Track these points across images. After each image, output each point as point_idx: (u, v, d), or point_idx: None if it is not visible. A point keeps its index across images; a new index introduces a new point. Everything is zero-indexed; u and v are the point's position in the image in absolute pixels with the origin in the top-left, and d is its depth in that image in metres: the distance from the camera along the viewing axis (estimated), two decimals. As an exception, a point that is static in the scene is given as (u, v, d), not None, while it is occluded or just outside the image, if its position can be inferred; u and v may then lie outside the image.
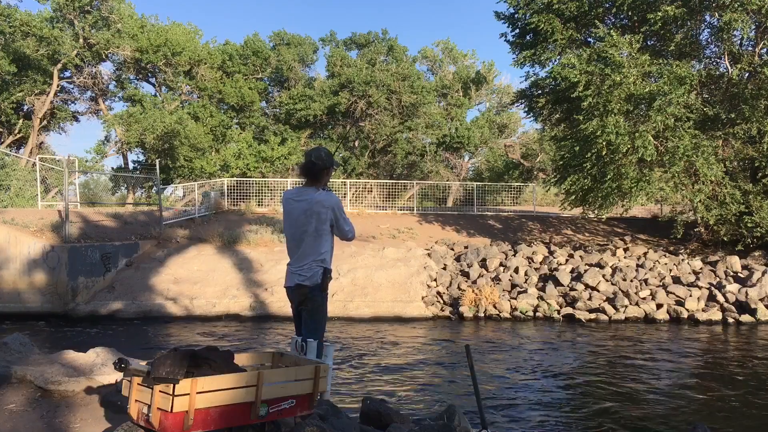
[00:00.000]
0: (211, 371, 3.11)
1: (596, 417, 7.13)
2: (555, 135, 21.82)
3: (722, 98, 17.01)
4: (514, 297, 14.26)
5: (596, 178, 16.46)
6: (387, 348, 10.90)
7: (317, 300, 4.19)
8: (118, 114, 31.10)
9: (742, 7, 15.17)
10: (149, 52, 30.03)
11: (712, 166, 15.35)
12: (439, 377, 8.96)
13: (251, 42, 35.02)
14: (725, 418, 7.06)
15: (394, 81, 31.86)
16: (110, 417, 3.77)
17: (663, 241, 18.37)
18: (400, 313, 13.90)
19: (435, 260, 16.26)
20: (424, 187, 29.60)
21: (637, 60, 15.67)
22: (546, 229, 20.73)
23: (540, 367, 9.46)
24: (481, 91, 39.22)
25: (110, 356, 4.62)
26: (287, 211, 4.27)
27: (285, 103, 33.80)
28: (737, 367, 9.51)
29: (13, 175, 23.17)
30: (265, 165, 30.17)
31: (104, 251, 14.83)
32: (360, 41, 37.51)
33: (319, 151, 4.27)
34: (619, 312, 13.56)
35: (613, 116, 15.27)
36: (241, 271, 15.37)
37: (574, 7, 17.80)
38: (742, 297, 13.70)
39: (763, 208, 15.84)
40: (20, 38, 28.37)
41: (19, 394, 3.98)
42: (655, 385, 8.37)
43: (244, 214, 20.83)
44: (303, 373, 3.40)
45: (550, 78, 19.08)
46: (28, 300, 13.92)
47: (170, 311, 13.87)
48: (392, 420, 4.59)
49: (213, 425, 3.03)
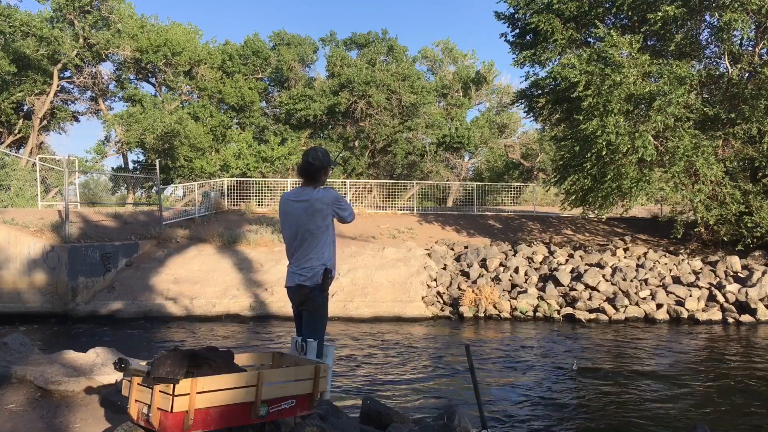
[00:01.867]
0: (211, 371, 3.11)
1: (596, 417, 7.13)
2: (555, 135, 21.84)
3: (722, 98, 17.02)
4: (514, 297, 14.25)
5: (596, 178, 16.46)
6: (387, 348, 10.90)
7: (318, 300, 4.19)
8: (118, 114, 31.10)
9: (742, 7, 15.17)
10: (149, 52, 30.02)
11: (712, 166, 15.34)
12: (439, 377, 8.96)
13: (251, 42, 35.02)
14: (725, 418, 7.06)
15: (394, 81, 31.86)
16: (110, 417, 3.77)
17: (663, 241, 18.36)
18: (400, 313, 13.89)
19: (435, 260, 16.26)
20: (424, 187, 29.59)
21: (637, 60, 15.67)
22: (546, 229, 20.73)
23: (540, 367, 9.46)
24: (481, 91, 39.24)
25: (110, 356, 4.61)
26: (286, 211, 4.26)
27: (285, 103, 33.79)
28: (737, 367, 9.51)
29: (13, 175, 23.18)
30: (265, 165, 30.18)
31: (104, 251, 14.84)
32: (360, 41, 37.50)
33: (316, 151, 4.28)
34: (619, 312, 13.56)
35: (613, 116, 15.27)
36: (241, 271, 15.37)
37: (574, 7, 17.80)
38: (742, 297, 13.70)
39: (763, 208, 15.84)
40: (20, 38, 28.37)
41: (19, 394, 3.98)
42: (655, 385, 8.37)
43: (244, 214, 20.83)
44: (303, 373, 3.40)
45: (550, 78, 19.09)
46: (28, 300, 13.91)
47: (170, 311, 13.87)
48: (392, 420, 4.59)
49: (213, 425, 3.03)
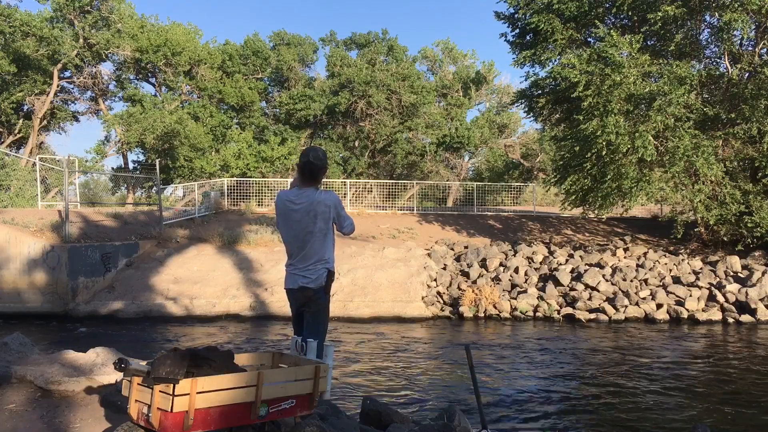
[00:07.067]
0: (211, 371, 3.11)
1: (596, 417, 7.13)
2: (555, 135, 21.84)
3: (722, 98, 17.02)
4: (514, 297, 14.25)
5: (596, 178, 16.46)
6: (387, 348, 10.90)
7: (321, 302, 4.19)
8: (118, 114, 31.09)
9: (742, 7, 15.17)
10: (149, 52, 30.02)
11: (712, 166, 15.34)
12: (439, 377, 8.96)
13: (251, 42, 35.02)
14: (725, 418, 7.06)
15: (394, 81, 31.87)
16: (110, 417, 3.77)
17: (663, 241, 18.36)
18: (400, 313, 13.89)
19: (435, 260, 16.26)
20: (424, 187, 29.59)
21: (637, 60, 15.68)
22: (546, 229, 20.73)
23: (540, 367, 9.46)
24: (481, 91, 39.26)
25: (110, 356, 4.61)
26: (285, 212, 4.22)
27: (285, 103, 33.80)
28: (737, 367, 9.51)
29: (13, 175, 23.19)
30: (265, 165, 30.20)
31: (104, 251, 14.83)
32: (360, 41, 37.51)
33: (317, 150, 4.27)
34: (619, 312, 13.56)
35: (613, 116, 15.27)
36: (241, 271, 15.37)
37: (574, 7, 17.79)
38: (742, 297, 13.70)
39: (763, 208, 15.84)
40: (20, 38, 28.36)
41: (19, 394, 3.98)
42: (655, 386, 8.36)
43: (244, 214, 20.83)
44: (303, 373, 3.40)
45: (550, 78, 19.09)
46: (28, 300, 13.91)
47: (170, 311, 13.86)
48: (392, 420, 4.59)
49: (213, 425, 3.03)
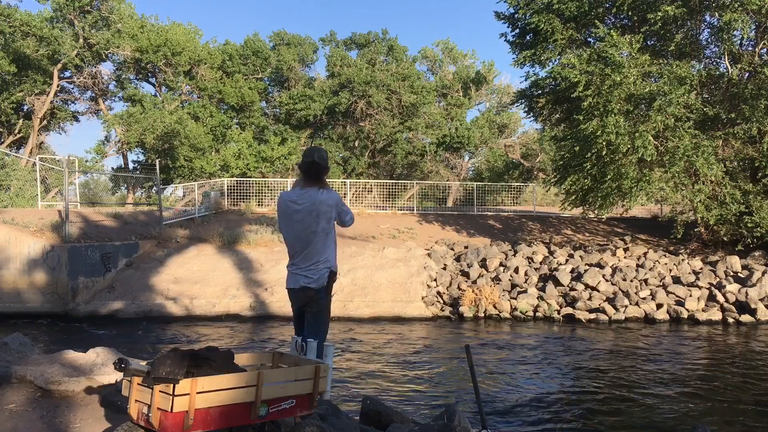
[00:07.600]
0: (211, 371, 3.11)
1: (596, 417, 7.13)
2: (555, 135, 21.84)
3: (722, 98, 17.01)
4: (514, 297, 14.25)
5: (596, 178, 16.46)
6: (387, 348, 10.90)
7: (322, 302, 4.19)
8: (118, 114, 31.09)
9: (742, 7, 15.17)
10: (149, 52, 30.02)
11: (712, 166, 15.34)
12: (439, 377, 8.96)
13: (251, 42, 35.02)
14: (725, 418, 7.06)
15: (394, 81, 31.87)
16: (110, 417, 3.77)
17: (663, 241, 18.35)
18: (400, 313, 13.89)
19: (435, 260, 16.26)
20: (424, 187, 29.59)
21: (637, 60, 15.67)
22: (546, 229, 20.73)
23: (540, 367, 9.46)
24: (481, 91, 39.25)
25: (110, 356, 4.61)
26: (287, 212, 4.21)
27: (285, 103, 33.80)
28: (737, 367, 9.51)
29: (13, 175, 23.20)
30: (265, 165, 30.20)
31: (104, 251, 14.83)
32: (360, 41, 37.50)
33: (320, 150, 4.27)
34: (619, 312, 13.56)
35: (613, 116, 15.26)
36: (241, 271, 15.37)
37: (574, 7, 17.79)
38: (742, 297, 13.70)
39: (763, 208, 15.84)
40: (20, 38, 28.37)
41: (19, 394, 3.98)
42: (654, 386, 8.37)
43: (244, 214, 20.83)
44: (303, 373, 3.40)
45: (550, 78, 19.10)
46: (29, 300, 13.91)
47: (170, 311, 13.87)
48: (392, 420, 4.59)
49: (213, 425, 3.03)
